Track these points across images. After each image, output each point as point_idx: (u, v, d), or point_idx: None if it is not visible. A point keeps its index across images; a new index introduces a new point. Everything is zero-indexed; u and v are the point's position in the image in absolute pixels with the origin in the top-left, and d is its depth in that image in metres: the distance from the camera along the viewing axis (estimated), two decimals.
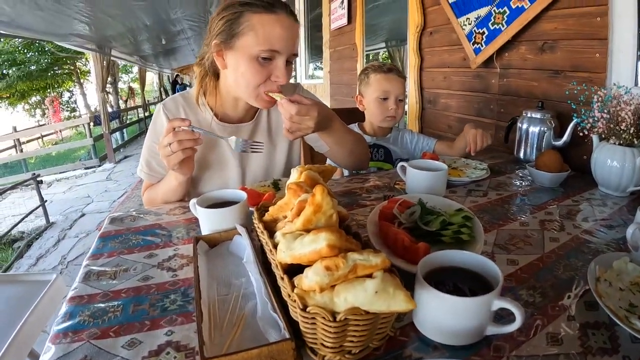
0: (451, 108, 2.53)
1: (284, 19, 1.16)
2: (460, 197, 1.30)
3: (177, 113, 1.38)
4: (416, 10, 2.65)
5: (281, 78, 1.20)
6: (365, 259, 0.58)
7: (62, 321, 0.78)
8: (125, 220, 1.27)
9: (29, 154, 13.30)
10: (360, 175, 1.60)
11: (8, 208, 7.36)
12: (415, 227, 0.93)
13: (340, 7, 4.01)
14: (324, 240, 0.59)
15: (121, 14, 6.04)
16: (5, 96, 19.79)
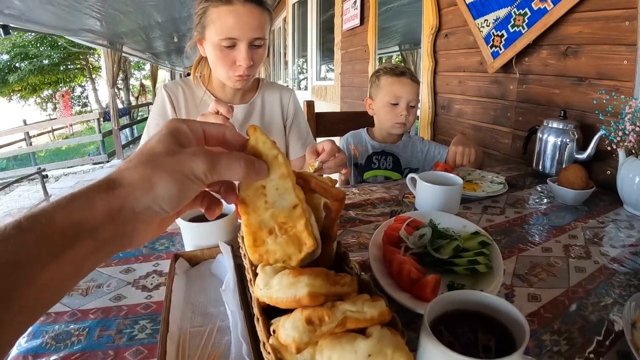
0: (466, 114, 2.43)
1: (239, 8, 1.28)
2: (475, 214, 1.20)
3: (176, 90, 1.54)
4: (431, 11, 2.55)
5: (242, 61, 1.33)
6: (359, 310, 0.46)
7: (25, 341, 0.70)
8: None
9: (39, 148, 13.49)
10: (367, 185, 1.50)
11: (14, 201, 7.39)
12: (424, 253, 0.82)
13: (353, 7, 3.94)
14: (305, 286, 0.48)
15: (133, 11, 6.04)
16: (17, 89, 20.09)
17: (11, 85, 19.30)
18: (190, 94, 1.56)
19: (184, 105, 1.54)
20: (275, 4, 8.56)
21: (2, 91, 19.95)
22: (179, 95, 1.54)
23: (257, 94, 1.63)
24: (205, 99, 1.54)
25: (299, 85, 7.35)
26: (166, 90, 1.53)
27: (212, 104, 1.15)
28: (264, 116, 1.64)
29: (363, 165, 1.87)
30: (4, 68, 18.45)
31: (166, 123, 0.45)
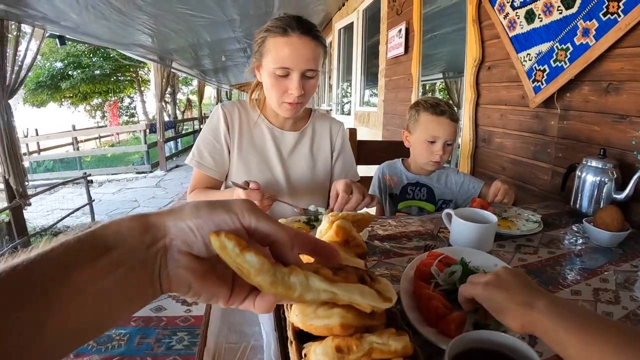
0: (506, 148, 2.43)
1: (295, 40, 1.37)
2: (508, 252, 1.22)
3: (233, 111, 1.63)
4: (475, 43, 2.60)
5: (294, 90, 1.42)
6: (384, 343, 0.52)
7: None
8: None
9: (85, 153, 14.18)
10: (403, 217, 1.54)
11: (57, 201, 7.80)
12: (453, 290, 0.86)
13: (398, 35, 4.02)
14: (337, 317, 0.52)
15: (184, 29, 6.33)
16: (68, 96, 21.14)
17: (63, 91, 20.35)
18: (245, 115, 1.64)
19: (238, 126, 1.62)
20: (321, 28, 8.77)
21: (55, 97, 21.05)
22: (234, 115, 1.63)
23: (309, 123, 1.72)
24: (259, 122, 1.63)
25: (342, 109, 7.45)
26: (223, 110, 1.62)
27: (245, 194, 1.24)
28: (313, 145, 1.71)
29: (398, 195, 1.91)
30: (57, 75, 19.49)
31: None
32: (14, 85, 4.40)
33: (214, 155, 1.60)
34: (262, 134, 1.64)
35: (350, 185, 1.31)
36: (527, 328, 0.63)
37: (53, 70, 19.37)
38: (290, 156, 1.66)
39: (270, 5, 5.29)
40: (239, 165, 1.61)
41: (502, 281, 0.71)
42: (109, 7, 4.54)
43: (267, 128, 1.64)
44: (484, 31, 2.57)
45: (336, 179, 1.73)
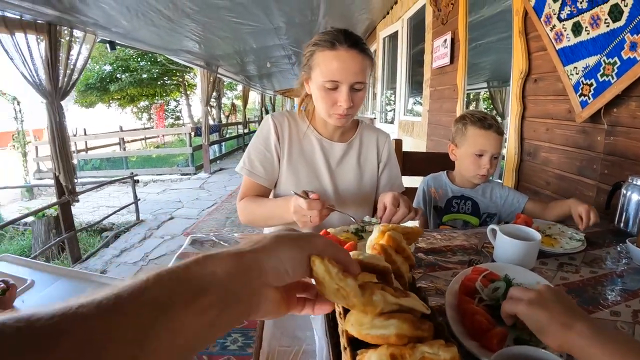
0: (551, 163, 2.41)
1: (343, 54, 1.42)
2: (550, 270, 1.23)
3: (282, 121, 1.68)
4: (521, 55, 2.59)
5: (343, 102, 1.45)
6: (435, 353, 0.56)
7: None
8: (205, 245, 1.40)
9: (131, 153, 14.75)
10: (448, 231, 1.57)
11: (103, 199, 8.15)
12: (496, 306, 0.89)
13: (443, 45, 4.02)
14: (394, 328, 0.57)
15: (230, 36, 6.51)
16: (116, 98, 21.98)
17: (111, 93, 21.21)
18: (294, 126, 1.70)
19: (288, 136, 1.67)
20: (366, 36, 8.80)
21: (103, 98, 21.96)
22: (284, 125, 1.68)
23: (356, 134, 1.76)
24: (308, 133, 1.69)
25: (385, 117, 7.45)
26: (273, 120, 1.68)
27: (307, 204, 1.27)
28: (360, 156, 1.75)
29: (442, 208, 1.94)
30: (106, 78, 20.33)
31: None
32: (66, 88, 4.61)
33: (265, 164, 1.66)
34: (311, 145, 1.69)
35: (397, 198, 1.33)
36: (566, 348, 0.67)
37: (102, 73, 20.24)
38: (338, 167, 1.70)
39: (316, 14, 5.38)
40: (288, 175, 1.66)
41: (544, 300, 0.74)
42: (158, 15, 4.74)
43: (316, 139, 1.69)
44: (530, 43, 2.55)
45: (382, 190, 1.78)
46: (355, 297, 0.56)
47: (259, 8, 4.95)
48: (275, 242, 0.50)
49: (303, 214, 1.30)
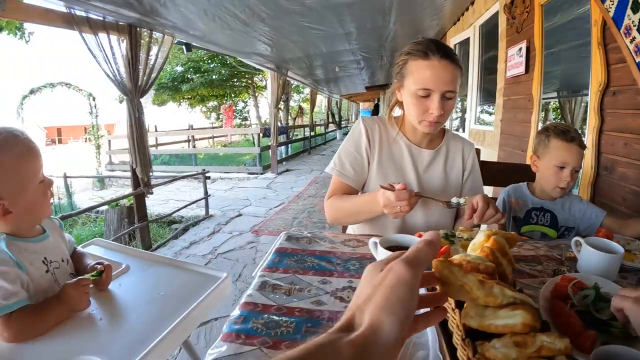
0: (629, 179, 2.34)
1: (435, 63, 1.48)
2: (630, 284, 1.25)
3: (373, 126, 1.78)
4: (600, 67, 2.53)
5: (434, 110, 1.51)
6: (551, 342, 0.62)
7: (235, 323, 0.91)
8: (301, 241, 1.48)
9: (200, 151, 15.33)
10: (531, 241, 1.61)
11: (172, 192, 8.56)
12: (585, 312, 0.95)
13: (518, 54, 3.95)
14: (520, 317, 0.63)
15: (301, 40, 6.65)
16: (187, 97, 22.92)
17: (183, 93, 22.24)
18: (384, 131, 1.78)
19: (378, 140, 1.76)
20: None
21: (175, 97, 23.01)
22: (375, 130, 1.77)
23: (443, 142, 1.82)
24: (398, 138, 1.77)
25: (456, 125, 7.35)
26: (364, 124, 1.78)
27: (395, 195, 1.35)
28: (447, 163, 1.80)
29: (521, 219, 1.97)
30: (178, 78, 21.26)
31: (395, 271, 0.52)
32: (145, 86, 4.85)
33: (355, 165, 1.75)
34: (400, 150, 1.76)
35: (487, 199, 1.41)
36: None
37: (174, 73, 21.21)
38: (426, 173, 1.76)
39: (387, 20, 5.43)
40: (377, 178, 1.73)
41: None
42: (234, 19, 4.93)
43: (405, 145, 1.76)
44: (609, 54, 2.49)
45: None
46: (479, 290, 0.64)
47: (332, 13, 5.04)
48: (385, 300, 0.49)
49: (393, 206, 1.37)
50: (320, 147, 18.41)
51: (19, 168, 1.14)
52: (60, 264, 1.31)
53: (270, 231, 5.69)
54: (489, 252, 0.85)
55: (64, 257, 1.35)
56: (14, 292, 1.09)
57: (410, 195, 1.35)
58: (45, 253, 1.27)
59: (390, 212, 1.41)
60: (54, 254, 1.30)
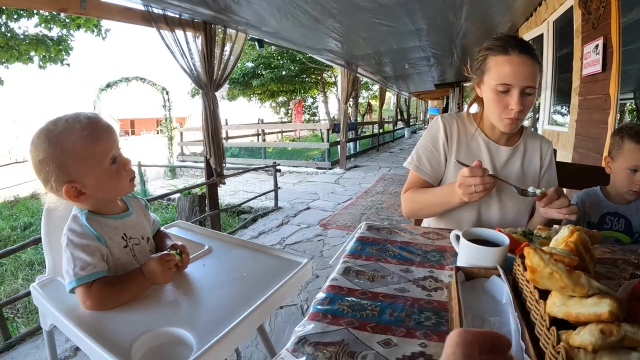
0: None
1: (515, 58, 1.49)
2: None
3: (451, 122, 1.80)
4: None
5: (514, 106, 1.52)
6: (635, 332, 0.63)
7: (321, 304, 0.97)
8: (382, 232, 1.52)
9: (269, 144, 15.82)
10: (608, 244, 1.60)
11: (241, 184, 8.92)
12: None
13: (594, 51, 3.81)
14: (607, 306, 0.65)
15: (371, 37, 6.68)
16: (258, 92, 23.56)
17: (253, 88, 22.83)
18: (463, 128, 1.80)
19: (456, 137, 1.78)
20: None
21: (245, 92, 23.71)
22: (453, 127, 1.79)
23: (521, 139, 1.80)
24: (476, 135, 1.78)
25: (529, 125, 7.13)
26: (443, 121, 1.80)
27: (467, 171, 1.37)
28: (524, 161, 1.79)
29: (595, 224, 1.93)
30: (249, 73, 21.87)
31: (459, 337, 0.53)
32: (219, 80, 5.05)
33: (432, 161, 1.77)
34: (478, 147, 1.77)
35: (560, 191, 1.41)
36: None
37: (245, 69, 21.86)
38: (503, 170, 1.75)
39: (458, 16, 5.38)
40: (454, 174, 1.73)
41: None
42: (306, 15, 5.05)
43: (484, 141, 1.76)
44: None
45: None
46: (568, 279, 0.69)
47: (402, 9, 5.05)
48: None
49: (468, 185, 1.38)
50: (388, 145, 18.31)
51: (84, 151, 1.15)
52: (140, 242, 1.36)
53: (338, 225, 5.73)
54: (574, 246, 0.87)
55: (144, 235, 1.39)
56: (92, 264, 1.15)
57: (484, 173, 1.36)
58: (125, 229, 1.31)
59: (465, 193, 1.40)
60: (134, 231, 1.34)
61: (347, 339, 0.82)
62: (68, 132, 1.14)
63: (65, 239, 1.17)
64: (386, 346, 0.80)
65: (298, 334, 0.87)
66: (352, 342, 0.81)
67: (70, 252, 1.15)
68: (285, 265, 1.43)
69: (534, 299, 0.79)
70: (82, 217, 1.20)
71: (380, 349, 0.79)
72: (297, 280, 1.37)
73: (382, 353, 0.77)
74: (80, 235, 1.17)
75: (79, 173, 1.16)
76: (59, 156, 1.13)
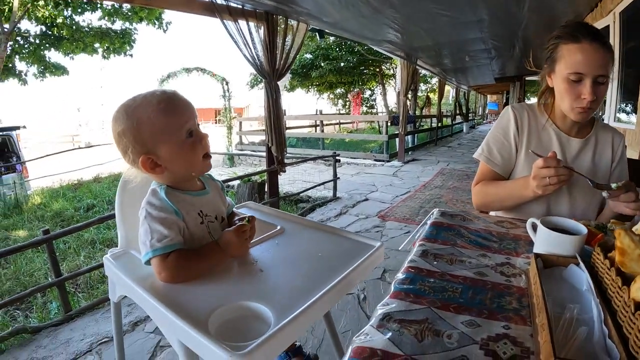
0: None
1: (586, 46, 1.47)
2: None
3: (522, 113, 1.78)
4: None
5: (586, 95, 1.49)
6: None
7: (402, 283, 0.99)
8: (455, 218, 1.53)
9: (327, 135, 16.08)
10: None
11: (299, 173, 9.18)
12: None
13: None
14: None
15: (432, 28, 6.67)
16: (316, 84, 23.79)
17: (312, 79, 23.04)
18: (533, 118, 1.76)
19: (527, 128, 1.75)
20: None
21: (304, 84, 24.00)
22: (524, 117, 1.76)
23: (592, 131, 1.76)
24: (547, 126, 1.74)
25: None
26: (513, 111, 1.78)
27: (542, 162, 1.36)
28: (595, 154, 1.75)
29: None
30: (308, 65, 22.09)
31: None
32: (282, 70, 5.11)
33: (502, 152, 1.76)
34: (549, 138, 1.73)
35: (631, 186, 1.39)
36: None
37: (304, 60, 22.13)
38: (574, 162, 1.71)
39: (521, 7, 5.32)
40: (524, 165, 1.73)
41: None
42: (366, 6, 5.08)
43: (555, 132, 1.73)
44: None
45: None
46: None
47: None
48: None
49: (542, 176, 1.37)
50: (446, 139, 17.91)
51: (160, 123, 1.18)
52: (215, 221, 1.37)
53: (397, 217, 5.65)
54: None
55: (218, 215, 1.40)
56: (169, 236, 1.16)
57: (557, 164, 1.34)
58: (202, 207, 1.32)
59: (539, 185, 1.39)
60: (210, 210, 1.36)
61: (431, 318, 0.85)
62: (145, 105, 1.19)
63: (144, 212, 1.20)
64: (470, 326, 0.82)
65: (382, 311, 0.89)
66: (437, 321, 0.84)
67: (148, 224, 1.18)
68: (358, 248, 1.41)
69: (617, 286, 0.80)
70: (161, 192, 1.23)
71: (464, 329, 0.81)
72: (370, 263, 1.35)
73: (467, 333, 0.80)
74: (159, 209, 1.19)
75: (155, 145, 1.19)
76: (135, 128, 1.17)
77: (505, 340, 0.78)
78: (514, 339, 0.78)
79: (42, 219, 7.21)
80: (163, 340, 2.67)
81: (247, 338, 0.89)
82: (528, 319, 0.85)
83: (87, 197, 8.68)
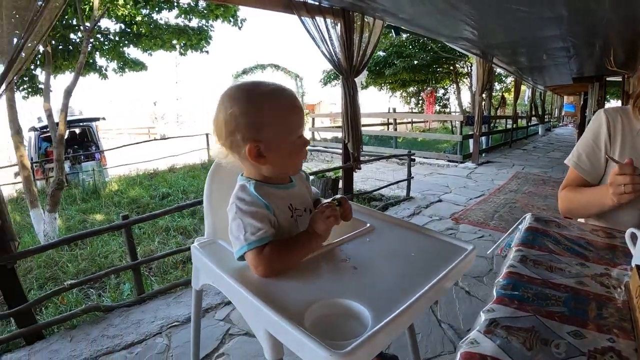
0: None
1: None
2: None
3: (615, 117, 1.63)
4: None
5: None
6: None
7: (505, 289, 0.99)
8: (550, 225, 1.48)
9: (400, 134, 16.11)
10: None
11: (371, 171, 9.42)
12: None
13: None
14: None
15: (507, 24, 6.56)
16: (389, 82, 23.73)
17: (385, 77, 23.01)
18: (627, 123, 1.61)
19: (620, 133, 1.61)
20: None
21: (377, 82, 23.99)
22: (617, 122, 1.62)
23: None
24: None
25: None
26: (606, 115, 1.64)
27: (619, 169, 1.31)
28: None
29: None
30: (381, 62, 22.11)
31: None
32: (358, 66, 5.15)
33: (591, 158, 1.66)
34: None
35: None
36: None
37: (377, 58, 22.16)
38: None
39: (602, 4, 5.22)
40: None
41: None
42: (443, 1, 5.06)
43: None
44: None
45: None
46: None
47: None
48: None
49: (617, 184, 1.31)
50: (521, 142, 17.26)
51: (283, 117, 1.20)
52: (303, 214, 1.35)
53: (471, 220, 5.53)
54: None
55: (307, 207, 1.38)
56: (263, 229, 1.15)
57: (634, 171, 1.27)
58: (291, 200, 1.31)
59: (615, 193, 1.33)
60: (298, 202, 1.34)
61: (537, 326, 0.84)
62: (274, 97, 1.20)
63: (234, 207, 1.19)
64: (576, 337, 0.81)
65: (487, 316, 0.89)
66: (543, 330, 0.83)
67: (240, 218, 1.16)
68: (450, 249, 1.35)
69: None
70: (250, 187, 1.22)
71: (571, 339, 0.80)
72: (463, 267, 1.29)
73: (574, 344, 0.79)
74: (249, 204, 1.18)
75: (270, 136, 1.18)
76: (256, 113, 1.16)
77: (612, 354, 0.77)
78: (619, 353, 0.77)
79: (118, 204, 7.71)
80: (233, 328, 2.76)
81: (341, 336, 0.88)
82: (631, 333, 0.84)
83: (162, 186, 9.10)
